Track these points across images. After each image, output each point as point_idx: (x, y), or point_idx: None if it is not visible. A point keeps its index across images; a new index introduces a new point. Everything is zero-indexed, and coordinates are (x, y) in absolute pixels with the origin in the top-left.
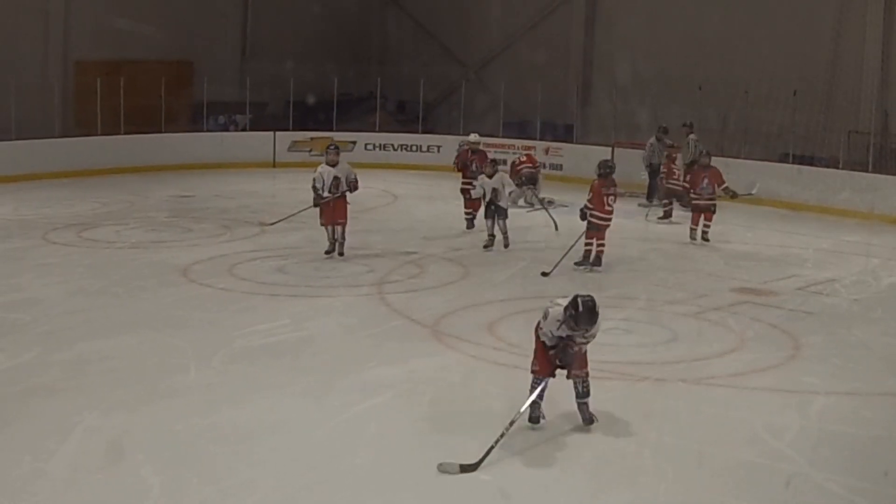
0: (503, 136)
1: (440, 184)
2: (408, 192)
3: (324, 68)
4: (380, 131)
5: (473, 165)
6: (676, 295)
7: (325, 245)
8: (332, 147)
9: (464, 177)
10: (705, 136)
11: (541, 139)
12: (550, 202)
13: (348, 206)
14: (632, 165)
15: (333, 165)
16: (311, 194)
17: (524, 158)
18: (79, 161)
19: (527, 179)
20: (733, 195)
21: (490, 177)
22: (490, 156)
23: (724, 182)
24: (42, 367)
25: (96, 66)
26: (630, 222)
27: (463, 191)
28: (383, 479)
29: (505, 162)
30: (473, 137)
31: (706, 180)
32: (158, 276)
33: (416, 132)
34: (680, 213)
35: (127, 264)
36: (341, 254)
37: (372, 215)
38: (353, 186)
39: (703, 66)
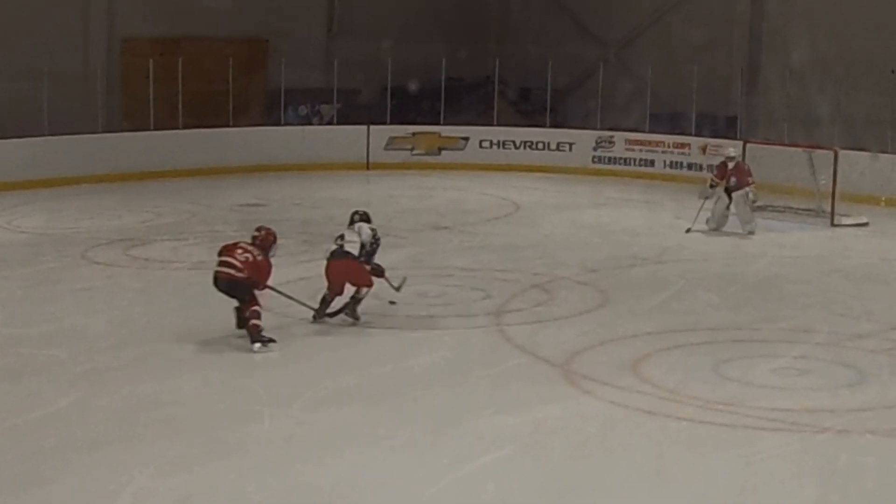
0: (650, 132)
1: (573, 189)
2: (533, 200)
3: (429, 48)
4: (498, 125)
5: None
6: (864, 326)
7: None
8: None
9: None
10: None
11: (697, 135)
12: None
13: None
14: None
15: None
16: (409, 203)
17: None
18: (127, 162)
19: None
20: None
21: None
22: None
23: None
24: (83, 415)
25: (148, 44)
26: (807, 235)
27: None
28: None
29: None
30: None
31: None
32: (225, 303)
33: (543, 126)
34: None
35: (186, 289)
36: None
37: (488, 228)
38: None
39: (895, 46)
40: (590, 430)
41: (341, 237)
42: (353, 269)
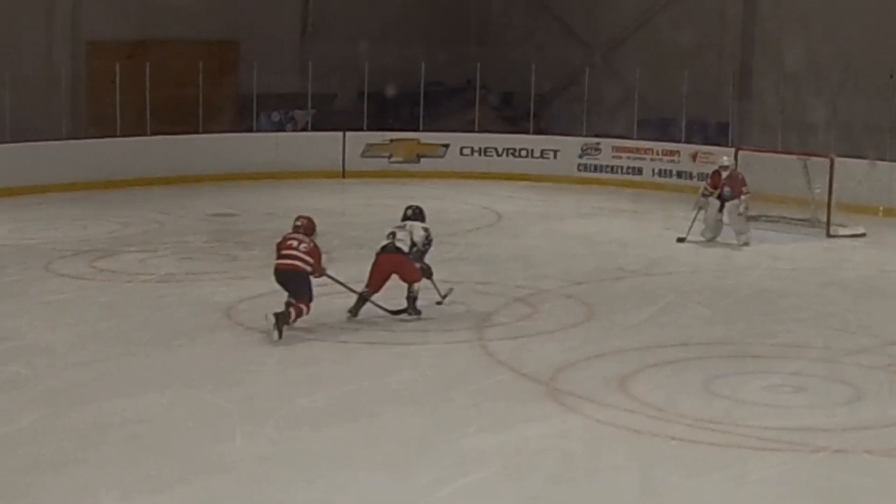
0: (638, 138)
1: (557, 199)
2: (516, 210)
3: (408, 51)
4: (479, 131)
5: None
6: (861, 341)
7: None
8: None
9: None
10: None
11: (686, 142)
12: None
13: None
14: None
15: None
16: (387, 213)
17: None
18: (93, 170)
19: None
20: None
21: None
22: None
23: None
24: (47, 434)
25: (115, 47)
26: (802, 246)
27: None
28: None
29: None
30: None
31: None
32: (195, 317)
33: (527, 132)
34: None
35: (154, 302)
36: None
37: (469, 239)
38: None
39: (893, 48)
40: (575, 450)
41: (392, 234)
42: (402, 263)
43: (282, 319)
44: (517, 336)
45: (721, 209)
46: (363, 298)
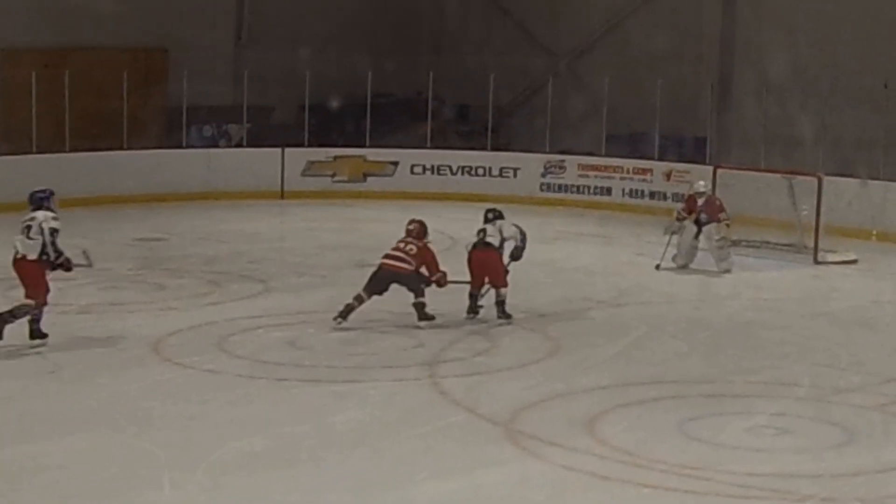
0: (607, 155)
1: (518, 222)
2: (472, 234)
3: (353, 59)
4: (432, 147)
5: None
6: (851, 379)
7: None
8: None
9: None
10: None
11: (660, 159)
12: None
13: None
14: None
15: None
16: (330, 238)
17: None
18: (4, 189)
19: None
20: None
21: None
22: None
23: None
24: None
25: (31, 54)
26: (787, 274)
27: None
28: None
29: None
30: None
31: None
32: (119, 352)
33: (484, 149)
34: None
35: (74, 336)
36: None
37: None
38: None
39: (891, 56)
40: (537, 499)
41: (483, 231)
42: (493, 265)
43: (421, 309)
44: (473, 373)
45: (698, 235)
46: (474, 297)
